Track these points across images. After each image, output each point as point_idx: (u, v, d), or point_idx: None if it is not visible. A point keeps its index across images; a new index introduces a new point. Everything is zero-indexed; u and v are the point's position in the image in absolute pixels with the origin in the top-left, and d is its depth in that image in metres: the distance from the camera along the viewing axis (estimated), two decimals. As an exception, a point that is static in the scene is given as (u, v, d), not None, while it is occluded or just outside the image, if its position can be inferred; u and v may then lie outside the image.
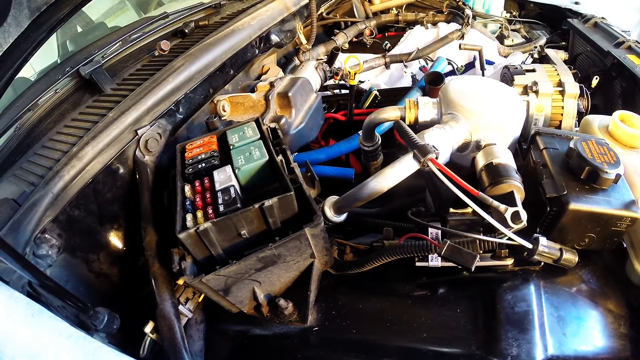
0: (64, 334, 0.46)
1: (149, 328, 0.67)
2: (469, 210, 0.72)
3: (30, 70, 1.16)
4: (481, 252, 0.68)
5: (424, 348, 0.59)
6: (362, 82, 1.56)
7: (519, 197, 0.66)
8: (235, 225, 0.64)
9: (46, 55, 1.24)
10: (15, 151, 0.80)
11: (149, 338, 0.68)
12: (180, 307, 0.70)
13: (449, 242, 0.65)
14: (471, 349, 0.56)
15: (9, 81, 0.63)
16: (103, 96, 0.90)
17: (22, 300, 0.51)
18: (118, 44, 0.98)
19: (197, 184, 0.70)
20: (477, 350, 0.56)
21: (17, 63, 0.62)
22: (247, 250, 0.65)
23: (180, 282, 0.73)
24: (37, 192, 0.68)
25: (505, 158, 0.73)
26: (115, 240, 0.81)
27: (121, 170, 0.82)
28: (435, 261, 0.70)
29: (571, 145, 0.68)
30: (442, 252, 0.65)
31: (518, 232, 0.62)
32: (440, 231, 0.71)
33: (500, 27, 1.77)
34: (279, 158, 0.74)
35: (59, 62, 1.22)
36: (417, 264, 0.71)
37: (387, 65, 1.64)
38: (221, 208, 0.63)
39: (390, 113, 0.88)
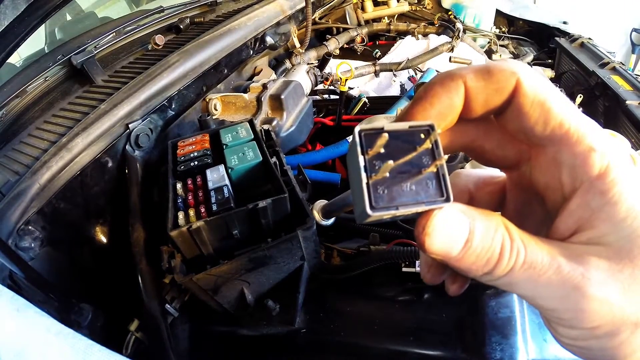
0: (52, 330, 0.45)
1: (134, 326, 0.66)
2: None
3: (15, 57, 1.12)
4: (467, 259, 0.70)
5: (411, 351, 0.60)
6: (352, 88, 1.59)
7: (505, 208, 0.68)
8: (227, 225, 0.63)
9: (33, 42, 1.21)
10: (0, 139, 0.77)
11: (134, 336, 0.67)
12: (166, 306, 0.70)
13: (437, 249, 0.67)
14: (456, 352, 0.58)
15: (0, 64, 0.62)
16: (94, 87, 0.88)
17: (6, 293, 0.49)
18: (111, 35, 0.97)
19: (189, 181, 0.70)
20: (462, 354, 0.58)
21: (9, 47, 0.61)
22: (237, 250, 0.65)
23: (167, 280, 0.72)
24: (23, 182, 0.66)
25: (492, 169, 0.76)
26: (101, 235, 0.79)
27: (110, 164, 0.81)
28: (422, 267, 0.71)
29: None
30: (430, 259, 0.67)
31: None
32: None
33: (489, 42, 1.83)
34: (273, 160, 0.75)
35: (46, 50, 1.18)
36: (404, 269, 0.73)
37: (376, 73, 1.67)
38: (214, 207, 0.63)
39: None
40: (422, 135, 0.20)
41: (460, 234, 0.20)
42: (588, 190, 0.20)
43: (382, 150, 0.20)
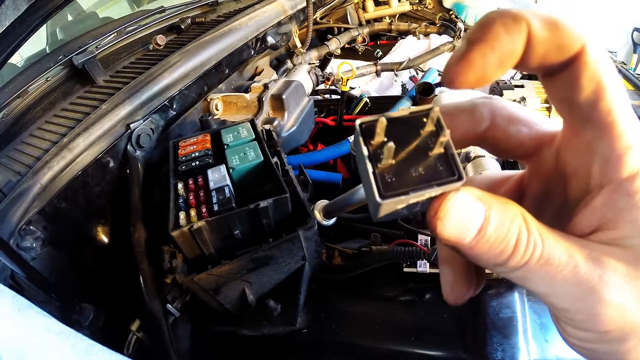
0: (53, 330, 0.45)
1: (135, 326, 0.67)
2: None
3: (17, 57, 1.13)
4: (468, 259, 0.70)
5: (412, 351, 0.60)
6: (353, 88, 1.58)
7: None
8: (229, 225, 0.63)
9: (34, 42, 1.21)
10: (2, 139, 0.78)
11: (135, 336, 0.67)
12: (168, 306, 0.70)
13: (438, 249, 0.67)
14: (458, 352, 0.58)
15: (1, 65, 0.62)
16: (95, 87, 0.88)
17: (7, 293, 0.50)
18: (113, 36, 0.97)
19: (190, 181, 0.70)
20: (464, 354, 0.58)
21: (11, 47, 0.61)
22: (238, 250, 0.65)
23: (168, 280, 0.72)
24: (25, 182, 0.66)
25: (494, 170, 0.76)
26: (103, 235, 0.79)
27: (111, 164, 0.81)
28: (423, 267, 0.71)
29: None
30: (432, 259, 0.67)
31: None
32: (429, 238, 0.73)
33: (489, 42, 1.82)
34: (274, 160, 0.75)
35: (47, 50, 1.19)
36: (405, 269, 0.73)
37: (377, 73, 1.67)
38: (215, 207, 0.63)
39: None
40: (425, 119, 0.19)
41: (474, 221, 0.19)
42: (616, 189, 0.19)
43: (386, 139, 0.19)
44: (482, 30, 0.19)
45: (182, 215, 0.63)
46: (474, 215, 0.19)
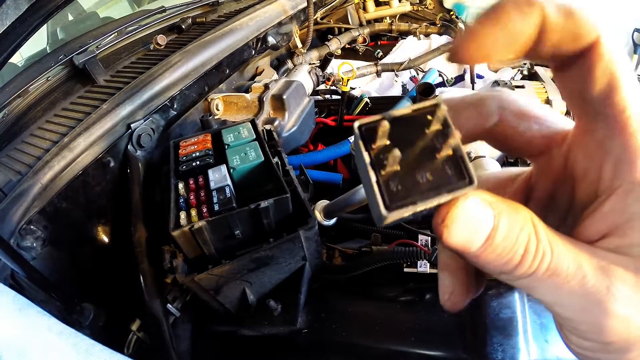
0: (54, 330, 0.45)
1: (135, 326, 0.67)
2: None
3: (17, 57, 1.13)
4: (468, 260, 0.70)
5: (412, 351, 0.60)
6: (353, 88, 1.58)
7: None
8: (229, 225, 0.63)
9: (35, 42, 1.21)
10: (2, 138, 0.78)
11: (135, 336, 0.67)
12: (168, 306, 0.70)
13: (438, 249, 0.68)
14: (458, 352, 0.58)
15: (1, 65, 0.62)
16: (96, 87, 0.88)
17: (8, 293, 0.50)
18: (113, 35, 0.97)
19: (191, 181, 0.70)
20: (464, 354, 0.58)
21: (11, 46, 0.61)
22: (239, 250, 0.65)
23: (169, 280, 0.72)
24: (25, 181, 0.66)
25: (494, 170, 0.76)
26: (103, 235, 0.79)
27: (112, 164, 0.81)
28: (423, 267, 0.71)
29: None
30: (432, 259, 0.67)
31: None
32: (429, 238, 0.73)
33: (489, 43, 1.82)
34: (275, 160, 0.75)
35: (48, 50, 1.19)
36: (406, 269, 0.73)
37: (378, 74, 1.67)
38: (216, 207, 0.63)
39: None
40: (429, 117, 0.18)
41: (483, 229, 0.18)
42: (628, 192, 0.19)
43: (388, 142, 0.17)
44: (493, 9, 0.18)
45: (182, 215, 0.63)
46: (483, 223, 0.18)
